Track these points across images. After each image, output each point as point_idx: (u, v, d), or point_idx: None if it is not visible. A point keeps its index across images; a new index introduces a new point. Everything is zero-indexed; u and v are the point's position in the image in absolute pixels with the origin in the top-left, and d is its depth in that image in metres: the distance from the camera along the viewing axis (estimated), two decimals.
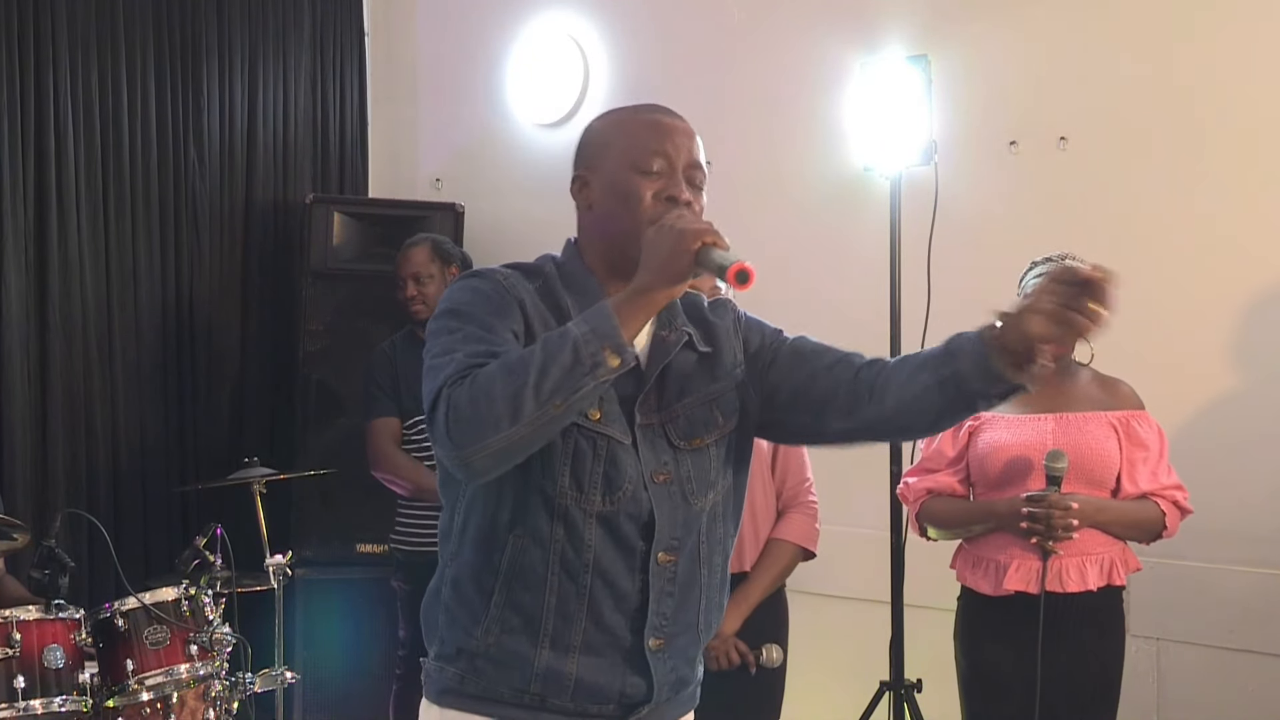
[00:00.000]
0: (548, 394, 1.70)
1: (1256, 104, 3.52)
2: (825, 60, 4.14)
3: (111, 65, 4.46)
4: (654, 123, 1.94)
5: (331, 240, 4.68)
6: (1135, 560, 3.02)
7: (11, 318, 4.16)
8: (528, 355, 1.72)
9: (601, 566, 1.88)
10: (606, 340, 1.72)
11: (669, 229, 1.77)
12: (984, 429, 3.06)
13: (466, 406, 1.71)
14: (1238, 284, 3.55)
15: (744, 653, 3.03)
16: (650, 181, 1.90)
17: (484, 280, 1.91)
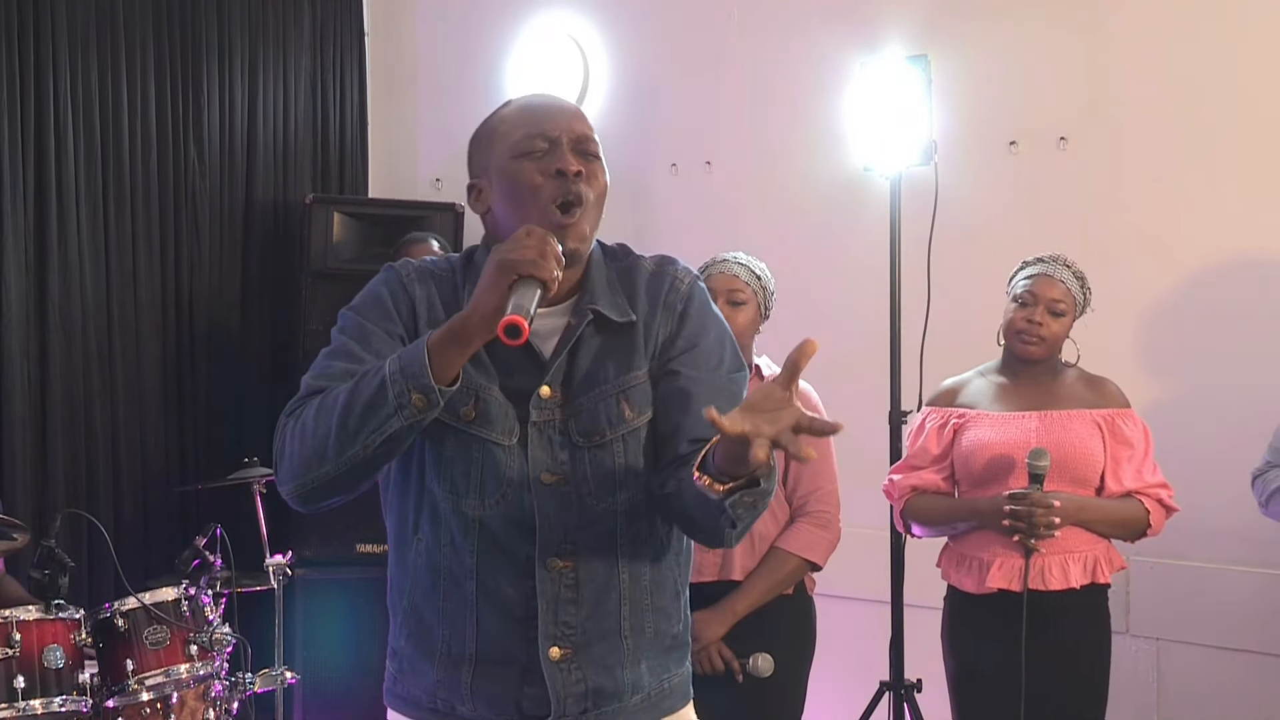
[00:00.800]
0: (353, 433, 1.68)
1: (1257, 104, 3.52)
2: (825, 60, 4.14)
3: (111, 65, 4.46)
4: (526, 107, 1.89)
5: (331, 240, 4.68)
6: (1120, 559, 3.03)
7: (11, 318, 4.16)
8: (342, 391, 1.71)
9: (483, 573, 1.81)
10: (413, 381, 1.66)
11: (498, 253, 1.68)
12: (969, 426, 3.07)
13: (289, 442, 1.75)
14: (1238, 283, 3.55)
15: (728, 659, 3.01)
16: (536, 163, 1.80)
17: (386, 276, 1.89)
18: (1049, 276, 3.02)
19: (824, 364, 4.28)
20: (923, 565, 3.53)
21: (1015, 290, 3.07)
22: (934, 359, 3.43)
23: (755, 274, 3.18)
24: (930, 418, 3.16)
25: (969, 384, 3.16)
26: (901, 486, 3.15)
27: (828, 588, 3.86)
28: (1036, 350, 3.02)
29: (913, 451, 3.16)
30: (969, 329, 3.70)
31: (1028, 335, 3.01)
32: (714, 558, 3.08)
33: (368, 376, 1.70)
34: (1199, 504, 3.38)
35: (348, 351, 1.80)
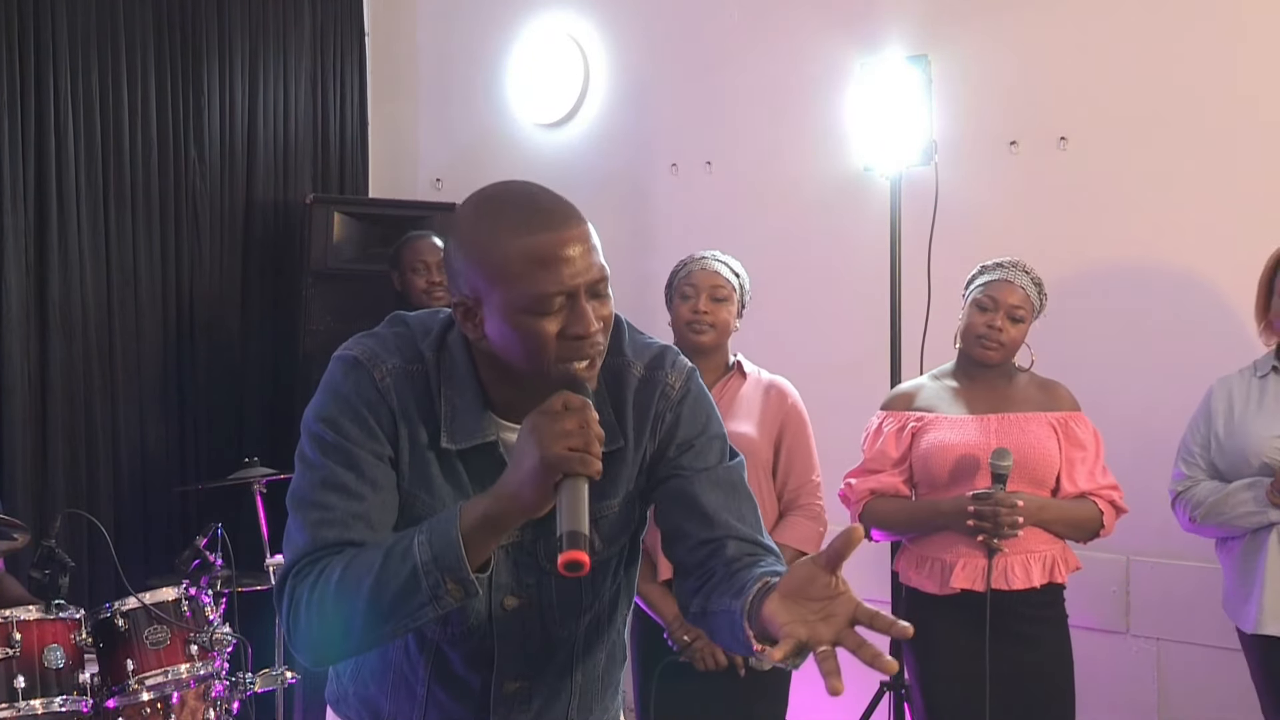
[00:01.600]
0: (383, 619, 1.58)
1: (1257, 103, 3.52)
2: (825, 60, 4.15)
3: (111, 65, 4.46)
4: (544, 247, 1.57)
5: (331, 240, 4.68)
6: (1075, 559, 3.08)
7: (11, 318, 4.16)
8: (365, 571, 1.57)
9: (434, 688, 1.78)
10: (449, 573, 1.54)
11: (536, 444, 1.52)
12: (927, 429, 3.09)
13: (304, 616, 1.60)
14: (1239, 283, 3.55)
15: (732, 654, 3.03)
16: (552, 319, 1.59)
17: (358, 382, 1.67)
18: (1009, 282, 3.05)
19: (824, 364, 4.32)
20: None
21: (974, 295, 3.09)
22: (934, 359, 3.43)
23: (735, 272, 3.23)
24: (887, 421, 3.17)
25: (924, 388, 3.18)
26: (859, 490, 3.16)
27: None
28: (996, 355, 3.05)
29: (870, 455, 3.18)
30: None
31: (988, 340, 3.04)
32: None
33: (392, 559, 1.56)
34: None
35: (341, 485, 1.64)
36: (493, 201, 1.65)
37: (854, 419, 3.41)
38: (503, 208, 1.63)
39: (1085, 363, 3.62)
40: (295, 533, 1.66)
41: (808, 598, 1.47)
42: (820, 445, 3.48)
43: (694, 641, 3.06)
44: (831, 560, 1.46)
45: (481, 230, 1.62)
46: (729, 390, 3.21)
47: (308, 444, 1.69)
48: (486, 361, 1.68)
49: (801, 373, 3.34)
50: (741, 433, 3.13)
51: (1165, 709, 3.64)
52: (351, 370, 1.69)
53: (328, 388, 1.70)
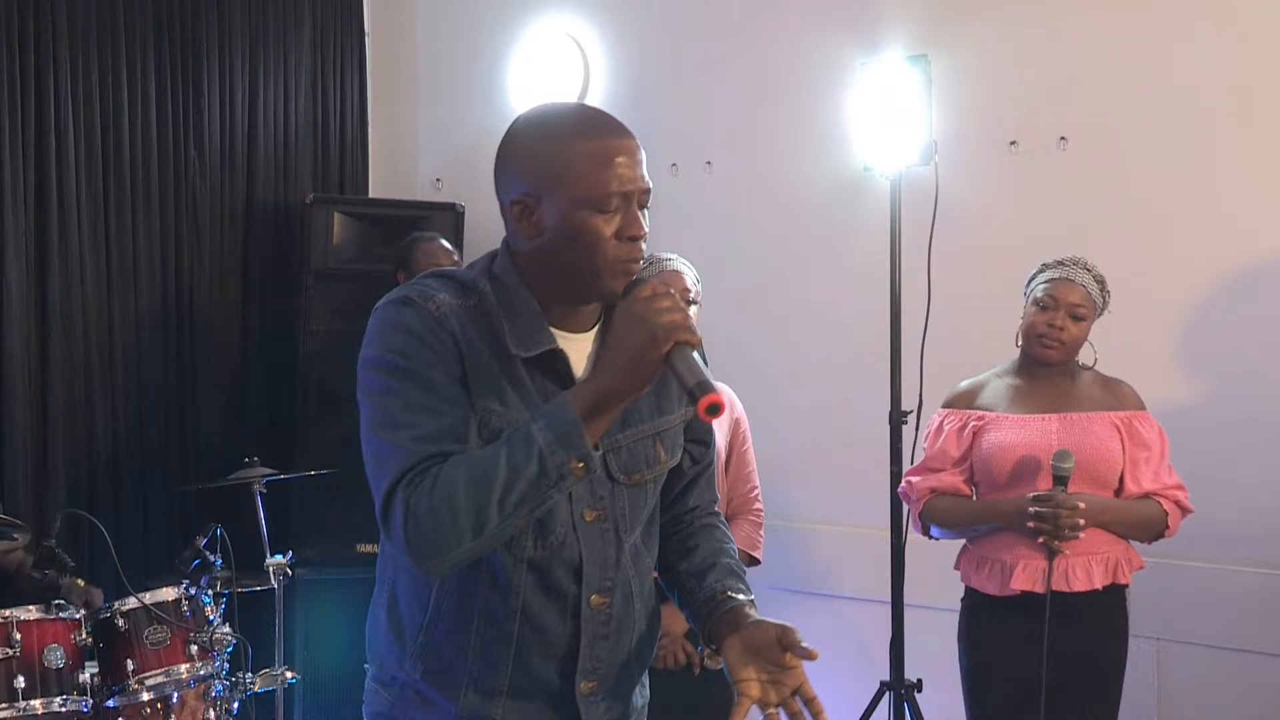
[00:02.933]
0: (512, 507, 1.64)
1: (1257, 103, 3.52)
2: (825, 60, 4.14)
3: (111, 65, 4.46)
4: (606, 150, 1.73)
5: (331, 240, 4.68)
6: (1139, 559, 3.04)
7: (11, 318, 4.16)
8: (490, 464, 1.64)
9: (530, 612, 1.81)
10: (572, 451, 1.64)
11: (643, 319, 1.65)
12: (988, 429, 3.06)
13: (427, 518, 1.63)
14: (1239, 283, 3.55)
15: (690, 653, 3.08)
16: (608, 220, 1.72)
17: (415, 314, 1.74)
18: (1069, 280, 3.02)
19: (824, 364, 4.32)
20: (923, 565, 3.53)
21: (1035, 293, 3.07)
22: (934, 359, 3.43)
23: (695, 276, 3.25)
24: (948, 420, 3.15)
25: (986, 386, 3.15)
26: (920, 489, 3.14)
27: (829, 588, 3.86)
28: (1056, 354, 3.02)
29: (931, 454, 3.16)
30: (969, 329, 3.70)
31: (1048, 339, 3.01)
32: None
33: (514, 449, 1.64)
34: (1199, 504, 3.37)
35: (423, 406, 1.69)
36: (553, 110, 1.83)
37: (854, 419, 3.41)
38: (565, 114, 1.80)
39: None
40: (390, 451, 1.69)
41: (764, 659, 1.77)
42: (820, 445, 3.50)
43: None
44: (789, 646, 1.75)
45: (546, 131, 1.76)
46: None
47: (377, 376, 1.73)
48: (539, 276, 1.78)
49: (801, 372, 3.34)
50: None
51: (1165, 709, 3.64)
52: (405, 306, 1.75)
53: (384, 326, 1.75)
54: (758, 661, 1.76)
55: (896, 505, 3.47)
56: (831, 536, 3.30)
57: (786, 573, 3.83)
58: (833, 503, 3.24)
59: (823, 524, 3.60)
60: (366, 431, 1.73)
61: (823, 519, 3.58)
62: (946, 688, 3.34)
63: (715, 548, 1.98)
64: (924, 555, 3.49)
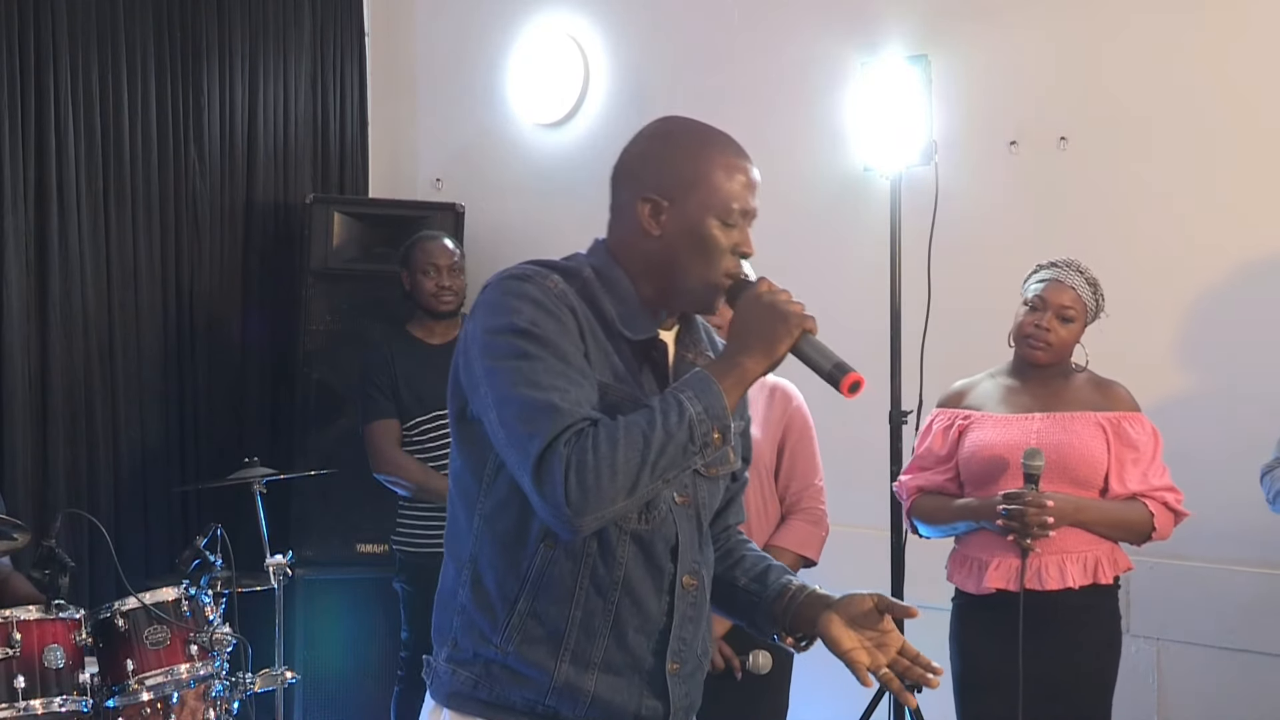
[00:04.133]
0: (662, 470, 1.72)
1: (1257, 103, 3.52)
2: (825, 60, 4.14)
3: (111, 65, 4.46)
4: (740, 169, 1.96)
5: (331, 240, 4.68)
6: (1126, 560, 3.03)
7: (11, 318, 4.17)
8: (646, 427, 1.71)
9: (631, 585, 1.86)
10: (718, 421, 1.75)
11: (773, 307, 1.83)
12: (972, 428, 3.08)
13: (591, 474, 1.68)
14: (1239, 283, 3.55)
15: (729, 656, 3.02)
16: (729, 234, 1.92)
17: (538, 288, 1.80)
18: (1060, 282, 3.02)
19: None
20: (923, 565, 3.53)
21: (1027, 294, 3.08)
22: (934, 359, 3.44)
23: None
24: (938, 419, 3.17)
25: (978, 385, 3.16)
26: (909, 487, 3.17)
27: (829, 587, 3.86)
28: (1043, 355, 3.03)
29: (920, 453, 3.18)
30: (969, 328, 3.70)
31: (1035, 340, 3.02)
32: None
33: (669, 415, 1.72)
34: (1199, 505, 3.37)
35: (562, 373, 1.75)
36: (691, 123, 1.98)
37: (854, 419, 3.41)
38: (703, 129, 1.97)
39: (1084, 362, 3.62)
40: (542, 408, 1.72)
41: (863, 626, 1.90)
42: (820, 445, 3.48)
43: None
44: (887, 609, 1.89)
45: (688, 141, 1.93)
46: None
47: (511, 342, 1.76)
48: (644, 273, 1.89)
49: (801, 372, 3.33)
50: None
51: (1165, 709, 3.64)
52: (525, 281, 1.81)
53: (508, 296, 1.80)
54: (859, 630, 1.90)
55: (896, 505, 3.47)
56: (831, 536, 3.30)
57: None
58: (832, 503, 3.23)
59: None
60: (505, 392, 1.75)
61: None
62: (946, 688, 3.34)
63: (760, 554, 2.11)
64: (924, 555, 3.49)
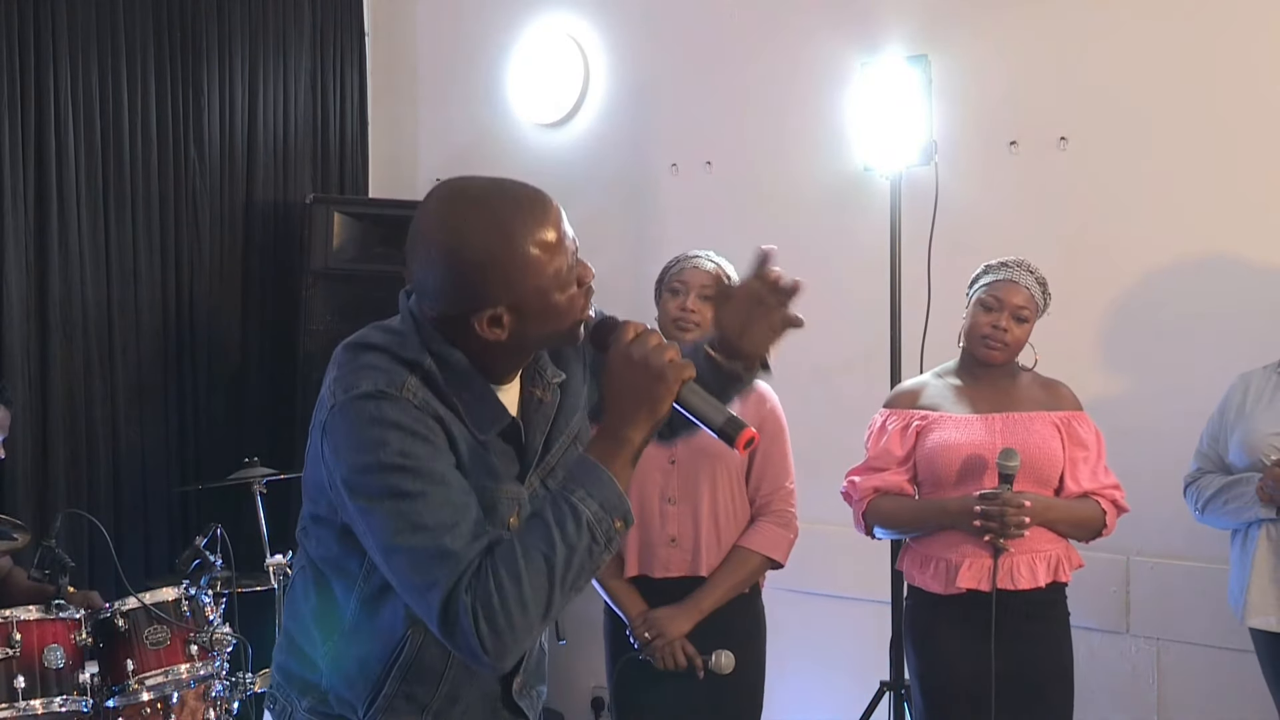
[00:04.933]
0: (573, 582, 1.66)
1: (1257, 103, 3.52)
2: (825, 60, 4.14)
3: (111, 65, 4.46)
4: (552, 231, 1.72)
5: (331, 240, 4.68)
6: (1078, 557, 3.08)
7: (12, 318, 4.16)
8: (545, 548, 1.63)
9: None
10: (616, 512, 1.67)
11: (645, 365, 1.69)
12: (932, 429, 3.08)
13: (500, 618, 1.61)
14: (1240, 284, 3.56)
15: (691, 655, 3.05)
16: (565, 289, 1.74)
17: (397, 409, 1.69)
18: (1014, 283, 3.04)
19: (824, 364, 4.31)
20: None
21: (978, 294, 3.09)
22: (934, 359, 3.43)
23: (726, 274, 3.22)
24: (891, 420, 3.16)
25: (927, 386, 3.18)
26: (863, 488, 3.15)
27: (829, 587, 3.86)
28: (1000, 355, 3.05)
29: (874, 453, 3.17)
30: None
31: (992, 340, 3.04)
32: (682, 554, 3.12)
33: (565, 525, 1.64)
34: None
35: (446, 502, 1.67)
36: (480, 207, 1.72)
37: (854, 419, 3.41)
38: (494, 210, 1.72)
39: (1085, 362, 3.62)
40: (431, 557, 1.64)
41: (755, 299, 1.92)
42: (821, 446, 3.49)
43: (654, 640, 3.07)
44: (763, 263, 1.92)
45: (491, 239, 1.70)
46: None
47: (383, 482, 1.67)
48: (491, 355, 1.78)
49: (801, 372, 3.34)
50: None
51: (1165, 709, 3.64)
52: (381, 401, 1.70)
53: (367, 426, 1.68)
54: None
55: None
56: (831, 536, 3.30)
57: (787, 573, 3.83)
58: (833, 503, 3.23)
59: (823, 524, 3.59)
60: (387, 541, 1.66)
61: (823, 519, 3.57)
62: None
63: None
64: None
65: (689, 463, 3.11)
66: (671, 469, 3.13)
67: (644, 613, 3.11)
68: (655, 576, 3.15)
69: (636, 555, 3.17)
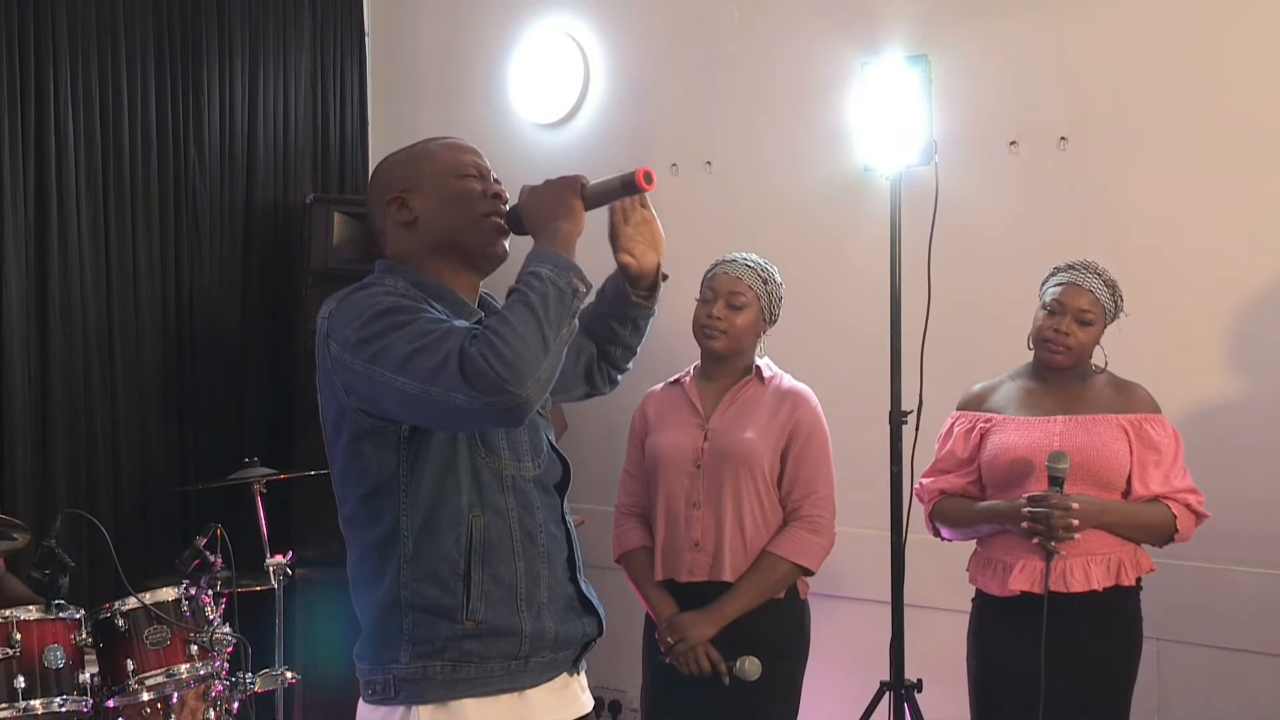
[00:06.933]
0: (556, 323, 1.88)
1: (1257, 104, 3.52)
2: (825, 60, 4.14)
3: (111, 65, 4.46)
4: (453, 144, 2.15)
5: (331, 240, 4.68)
6: (1148, 562, 3.02)
7: (11, 318, 4.16)
8: (521, 300, 1.88)
9: (549, 526, 2.09)
10: (570, 270, 1.92)
11: (543, 185, 2.02)
12: (994, 431, 3.07)
13: (506, 349, 1.82)
14: (1239, 284, 3.56)
15: (715, 661, 3.03)
16: (473, 183, 2.09)
17: (381, 287, 2.01)
18: (1077, 285, 3.02)
19: (825, 364, 4.31)
20: (923, 565, 3.53)
21: (1045, 298, 3.08)
22: (934, 359, 3.43)
23: (761, 277, 3.19)
24: (959, 422, 3.17)
25: (999, 388, 3.16)
26: (930, 490, 3.17)
27: (828, 588, 3.86)
28: (1062, 359, 3.03)
29: (940, 455, 3.18)
30: (969, 328, 3.71)
31: (1054, 344, 3.02)
32: (705, 559, 3.10)
33: (531, 284, 1.89)
34: None
35: (438, 319, 1.93)
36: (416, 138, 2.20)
37: (854, 419, 3.41)
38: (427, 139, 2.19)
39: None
40: (437, 340, 1.87)
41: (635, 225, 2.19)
42: None
43: (675, 644, 3.06)
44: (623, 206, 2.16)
45: (415, 147, 2.18)
46: (744, 395, 3.19)
47: (382, 321, 1.92)
48: (429, 261, 2.08)
49: (801, 373, 3.33)
50: (744, 438, 3.11)
51: (1165, 709, 3.64)
52: (366, 287, 2.02)
53: (360, 299, 1.98)
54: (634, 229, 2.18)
55: (896, 505, 3.47)
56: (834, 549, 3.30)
57: None
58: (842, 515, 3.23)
59: None
60: (403, 353, 1.88)
61: None
62: (946, 688, 3.34)
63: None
64: (924, 555, 3.49)
65: (713, 467, 3.10)
66: (697, 473, 3.12)
67: (671, 617, 3.10)
68: (680, 581, 3.14)
69: (662, 559, 3.16)
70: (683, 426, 3.19)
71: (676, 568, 3.13)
